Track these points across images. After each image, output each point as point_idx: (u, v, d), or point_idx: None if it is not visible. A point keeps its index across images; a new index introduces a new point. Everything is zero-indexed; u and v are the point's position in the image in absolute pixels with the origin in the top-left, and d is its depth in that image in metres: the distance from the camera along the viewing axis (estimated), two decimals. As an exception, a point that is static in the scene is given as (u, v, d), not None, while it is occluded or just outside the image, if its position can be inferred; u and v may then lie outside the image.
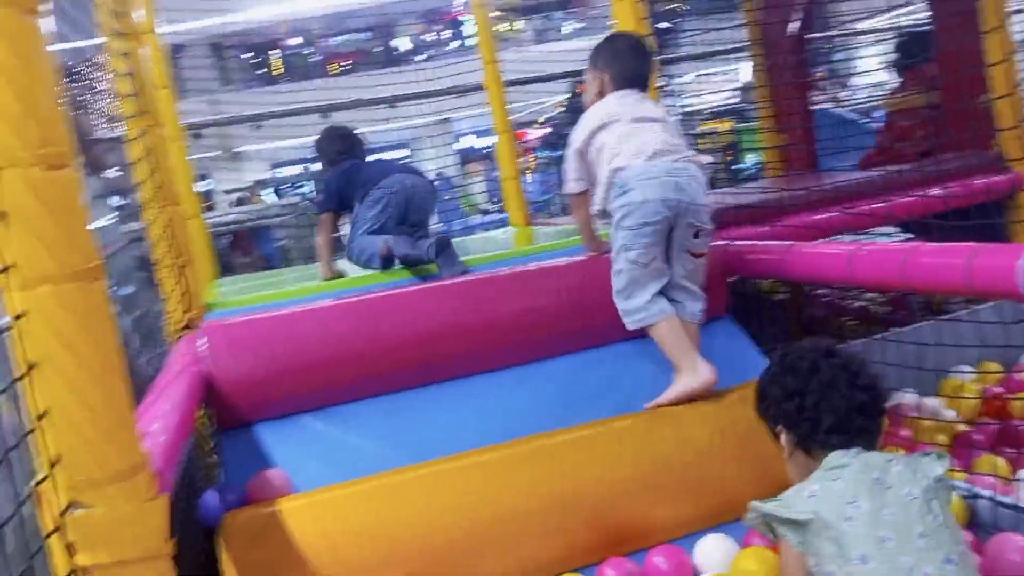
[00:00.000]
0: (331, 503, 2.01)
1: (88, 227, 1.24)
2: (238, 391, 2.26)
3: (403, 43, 17.15)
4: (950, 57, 3.68)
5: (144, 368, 3.32)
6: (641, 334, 2.58)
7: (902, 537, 1.38)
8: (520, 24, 17.81)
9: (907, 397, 2.66)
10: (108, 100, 2.78)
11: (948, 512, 1.45)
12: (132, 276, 4.14)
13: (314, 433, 2.32)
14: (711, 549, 2.04)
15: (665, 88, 4.12)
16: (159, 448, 1.54)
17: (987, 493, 2.05)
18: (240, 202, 9.53)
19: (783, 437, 1.66)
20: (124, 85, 2.80)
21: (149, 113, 2.89)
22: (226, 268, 7.73)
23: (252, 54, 16.48)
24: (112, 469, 1.23)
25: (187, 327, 2.66)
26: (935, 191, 3.08)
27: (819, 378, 1.60)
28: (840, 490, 1.46)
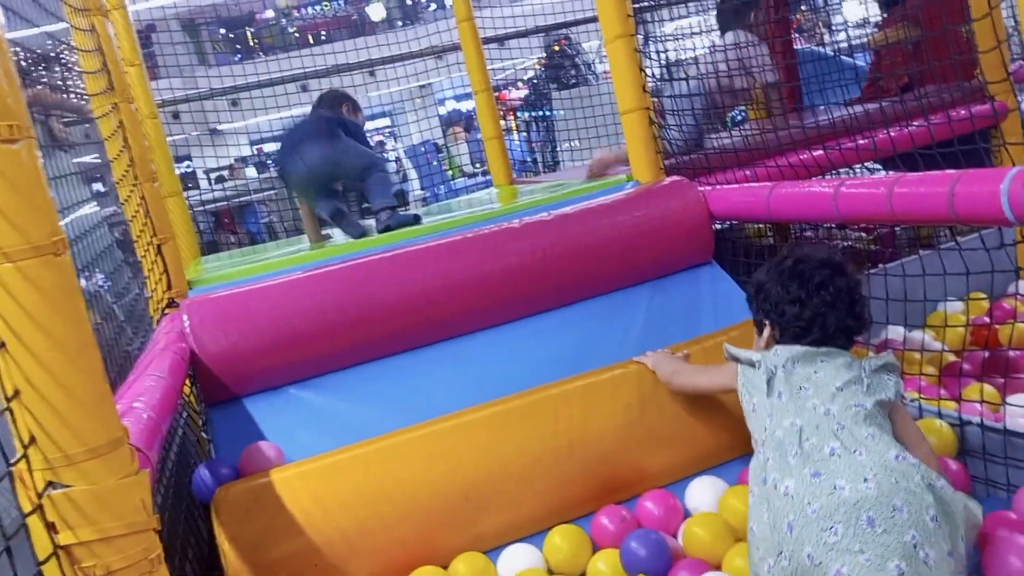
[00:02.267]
0: (324, 471, 2.00)
1: (50, 201, 1.21)
2: (224, 365, 2.24)
3: (377, 10, 16.90)
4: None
5: (137, 354, 3.30)
6: (629, 284, 2.58)
7: (815, 402, 1.61)
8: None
9: (896, 331, 2.66)
10: (76, 78, 2.72)
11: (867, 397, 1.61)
12: (118, 260, 4.11)
13: (304, 403, 2.31)
14: (702, 491, 2.05)
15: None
16: (142, 424, 1.53)
17: (976, 420, 2.06)
18: (221, 180, 9.45)
19: (766, 330, 1.81)
20: (90, 62, 2.75)
21: (118, 90, 2.84)
22: (212, 247, 7.70)
23: (225, 30, 16.23)
24: (90, 445, 1.22)
25: (170, 305, 2.64)
26: (918, 124, 3.04)
27: (824, 296, 1.72)
28: (791, 355, 1.71)
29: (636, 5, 3.14)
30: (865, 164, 3.43)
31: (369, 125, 17.16)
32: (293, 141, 3.31)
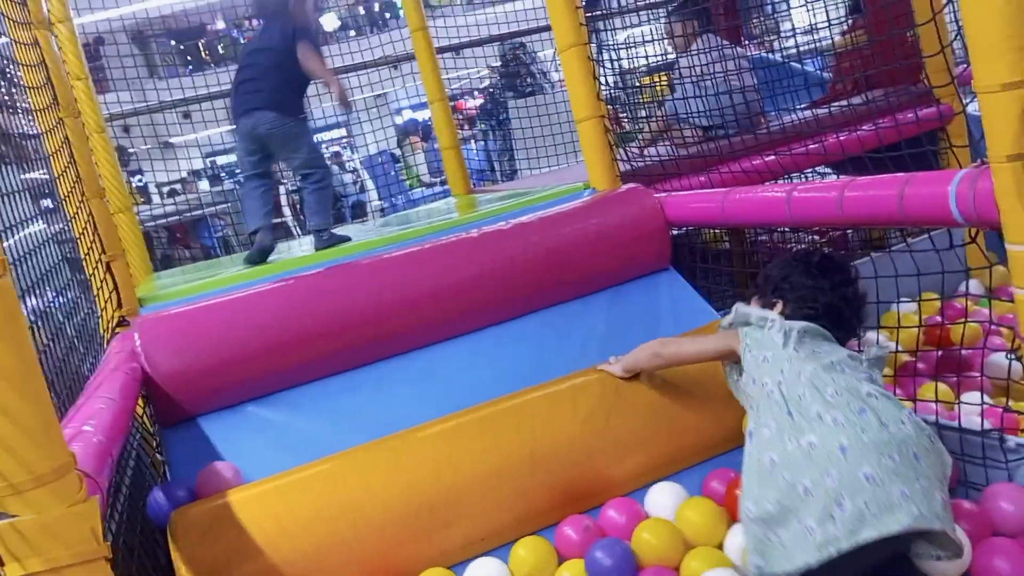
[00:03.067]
0: (282, 490, 1.96)
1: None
2: (177, 384, 2.20)
3: (331, 20, 16.79)
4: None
5: (89, 374, 3.21)
6: (587, 292, 2.58)
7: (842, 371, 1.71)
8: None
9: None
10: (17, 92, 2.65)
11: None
12: (67, 279, 4.00)
13: (261, 421, 2.27)
14: (661, 496, 2.05)
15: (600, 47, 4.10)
16: (91, 449, 1.48)
17: (931, 418, 2.09)
18: (174, 194, 9.29)
19: (777, 307, 1.92)
20: (34, 76, 2.68)
21: (64, 104, 2.77)
22: (167, 262, 7.56)
23: (176, 42, 15.99)
24: (36, 473, 1.19)
25: (121, 323, 2.58)
26: (867, 128, 3.10)
27: (843, 292, 1.89)
28: (805, 327, 1.81)
29: (589, 14, 3.16)
30: (816, 169, 3.48)
31: (324, 136, 17.05)
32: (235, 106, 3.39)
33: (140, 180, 9.58)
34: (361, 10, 17.02)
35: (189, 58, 16.26)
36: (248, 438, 2.22)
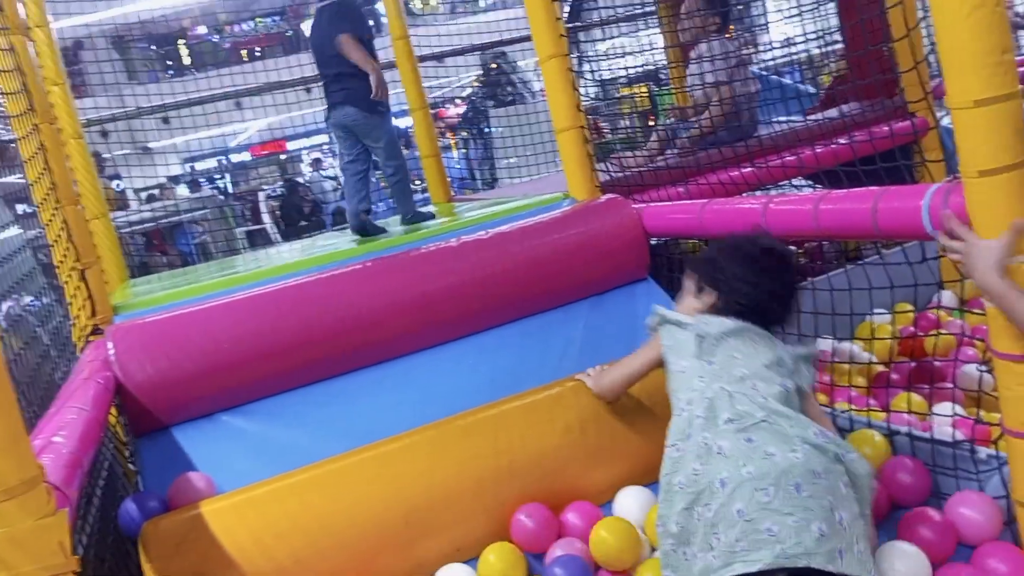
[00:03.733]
0: (257, 501, 1.94)
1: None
2: (151, 394, 2.17)
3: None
4: (852, 5, 3.74)
5: (61, 382, 3.17)
6: (566, 301, 2.58)
7: (744, 371, 1.74)
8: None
9: (825, 343, 2.71)
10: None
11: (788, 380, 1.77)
12: (41, 285, 3.96)
13: (237, 431, 2.25)
14: (628, 500, 2.06)
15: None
16: (62, 461, 1.47)
17: (904, 429, 2.11)
18: (152, 199, 9.22)
19: (705, 294, 1.92)
20: (9, 82, 2.65)
21: (39, 111, 2.74)
22: (144, 269, 7.50)
23: (157, 46, 15.88)
24: (3, 486, 1.17)
25: (94, 332, 2.55)
26: (842, 141, 3.13)
27: (775, 287, 1.87)
28: (723, 325, 1.83)
29: (570, 25, 3.18)
30: (791, 181, 3.51)
31: (305, 142, 16.98)
32: None
33: (118, 185, 9.50)
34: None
35: (169, 63, 16.15)
36: (223, 448, 2.20)
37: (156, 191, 9.98)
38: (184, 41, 16.32)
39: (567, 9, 2.90)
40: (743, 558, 1.53)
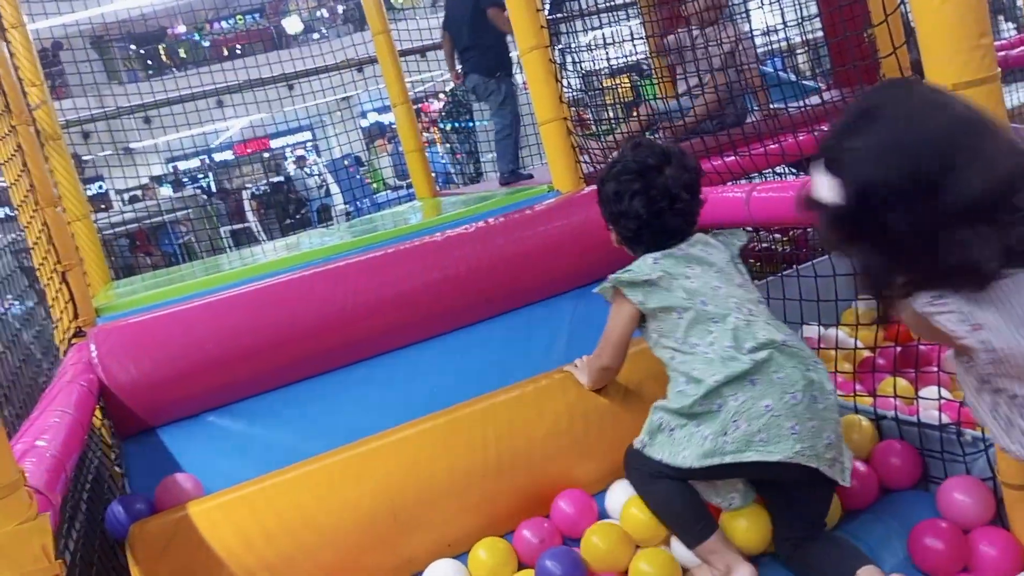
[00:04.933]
0: (244, 501, 1.93)
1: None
2: (136, 396, 2.16)
3: (294, 22, 16.66)
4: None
5: (45, 386, 3.15)
6: (549, 295, 2.57)
7: (718, 293, 1.86)
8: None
9: (811, 329, 2.72)
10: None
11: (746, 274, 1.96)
12: (25, 288, 3.93)
13: (223, 431, 2.24)
14: (621, 495, 2.03)
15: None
16: (44, 464, 1.45)
17: (891, 413, 2.12)
18: (135, 200, 9.15)
19: (613, 232, 2.04)
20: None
21: (16, 112, 2.71)
22: (129, 270, 7.44)
23: (137, 45, 15.76)
24: (-16, 492, 1.15)
25: (77, 334, 2.53)
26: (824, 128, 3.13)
27: (660, 222, 1.91)
28: (676, 258, 1.90)
29: (551, 17, 3.17)
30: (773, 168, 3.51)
31: (289, 139, 16.91)
32: None
33: (100, 187, 9.43)
34: (340, 8, 16.91)
35: (150, 62, 16.04)
36: (209, 449, 2.19)
37: (139, 192, 9.91)
38: (164, 40, 16.21)
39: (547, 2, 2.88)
40: (760, 448, 1.69)
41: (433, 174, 4.88)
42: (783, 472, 1.73)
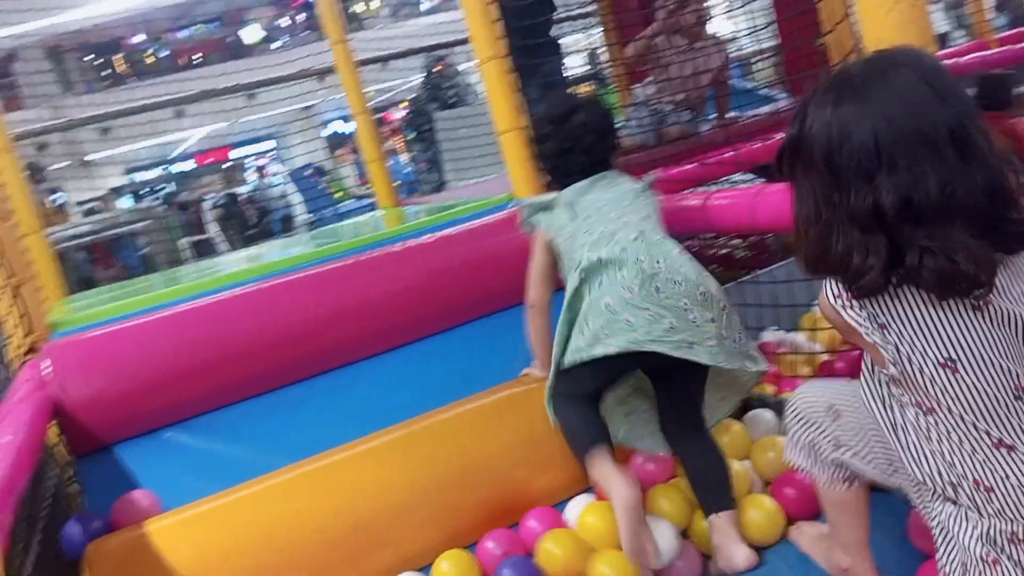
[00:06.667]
0: (203, 518, 1.90)
1: None
2: (91, 413, 2.12)
3: (254, 31, 16.54)
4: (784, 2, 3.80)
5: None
6: (513, 304, 2.57)
7: (616, 213, 2.01)
8: (376, 3, 17.46)
9: (771, 334, 2.76)
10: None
11: (651, 209, 2.07)
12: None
13: (181, 447, 2.21)
14: (581, 507, 2.03)
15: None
16: (-7, 486, 1.42)
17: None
18: (92, 212, 9.00)
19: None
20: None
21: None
22: (88, 283, 7.32)
23: (93, 56, 15.53)
24: (-72, 517, 1.13)
25: (30, 351, 2.48)
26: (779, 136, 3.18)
27: (565, 160, 2.12)
28: (577, 188, 2.09)
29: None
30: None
31: (251, 149, 16.76)
32: None
33: (55, 200, 9.27)
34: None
35: (106, 73, 15.81)
36: (166, 465, 2.16)
37: (97, 204, 9.75)
38: (121, 50, 15.99)
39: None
40: (604, 342, 1.86)
41: (398, 183, 4.88)
42: (639, 363, 1.95)
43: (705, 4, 3.66)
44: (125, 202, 11.56)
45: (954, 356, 1.16)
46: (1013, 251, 1.15)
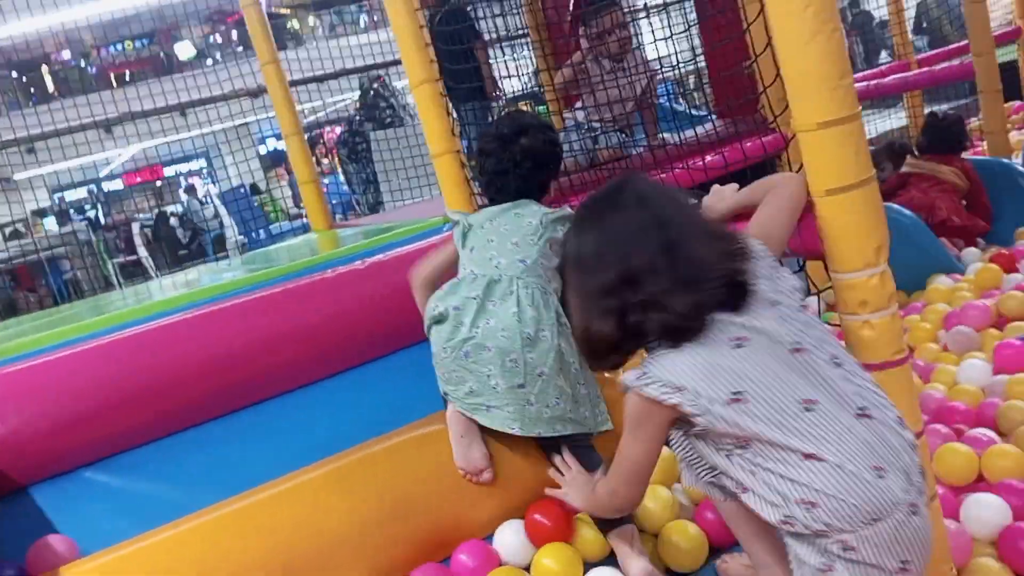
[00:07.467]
0: (123, 562, 1.82)
1: None
2: (3, 454, 2.02)
3: (186, 48, 16.22)
4: (714, 27, 3.87)
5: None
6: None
7: (494, 253, 2.05)
8: (312, 21, 17.32)
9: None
10: None
11: (536, 252, 2.05)
12: None
13: (101, 487, 2.12)
14: (509, 535, 2.01)
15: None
16: None
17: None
18: (16, 235, 8.68)
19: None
20: None
21: None
22: (12, 308, 7.05)
23: (17, 73, 15.05)
24: None
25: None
26: (712, 157, 3.23)
27: (499, 180, 2.14)
28: (489, 212, 2.14)
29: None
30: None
31: (182, 167, 16.41)
32: None
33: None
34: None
35: (32, 90, 15.34)
36: (86, 506, 2.07)
37: (20, 226, 9.41)
38: (47, 66, 15.54)
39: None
40: (439, 376, 2.07)
41: (335, 202, 4.81)
42: None
43: (628, 32, 3.70)
44: (50, 223, 11.18)
45: (738, 389, 1.30)
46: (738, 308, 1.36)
